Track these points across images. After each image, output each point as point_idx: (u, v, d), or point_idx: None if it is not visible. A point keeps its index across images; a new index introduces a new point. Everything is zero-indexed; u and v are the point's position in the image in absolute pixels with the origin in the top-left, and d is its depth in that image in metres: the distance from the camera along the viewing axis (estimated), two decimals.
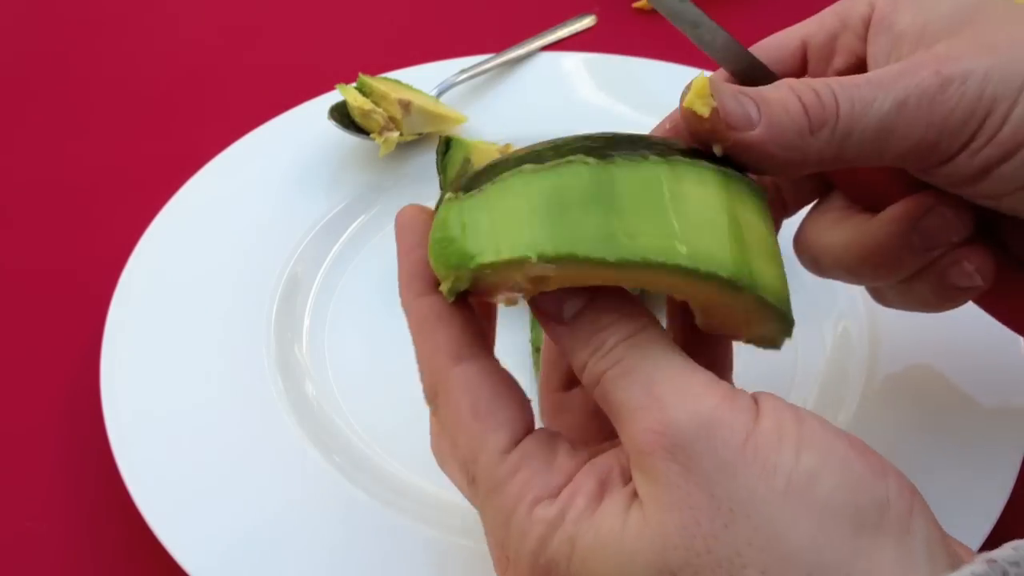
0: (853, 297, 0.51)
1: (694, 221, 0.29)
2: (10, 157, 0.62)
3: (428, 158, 0.57)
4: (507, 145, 0.52)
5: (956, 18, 0.35)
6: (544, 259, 0.29)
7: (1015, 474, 0.42)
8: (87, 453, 0.46)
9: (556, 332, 0.31)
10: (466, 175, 0.32)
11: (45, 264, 0.55)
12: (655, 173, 0.29)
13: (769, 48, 0.39)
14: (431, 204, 0.58)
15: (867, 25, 0.37)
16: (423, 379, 0.33)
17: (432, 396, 0.32)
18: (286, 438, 0.45)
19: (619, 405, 0.29)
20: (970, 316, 0.49)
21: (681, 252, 0.28)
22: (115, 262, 0.51)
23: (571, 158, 0.29)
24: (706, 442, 0.27)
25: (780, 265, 0.32)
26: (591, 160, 0.29)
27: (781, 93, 0.34)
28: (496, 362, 0.32)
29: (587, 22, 0.70)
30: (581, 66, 0.63)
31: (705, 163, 0.31)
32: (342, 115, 0.58)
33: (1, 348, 0.51)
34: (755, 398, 0.28)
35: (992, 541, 0.40)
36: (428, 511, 0.43)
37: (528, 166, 0.30)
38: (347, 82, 0.58)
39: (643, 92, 0.61)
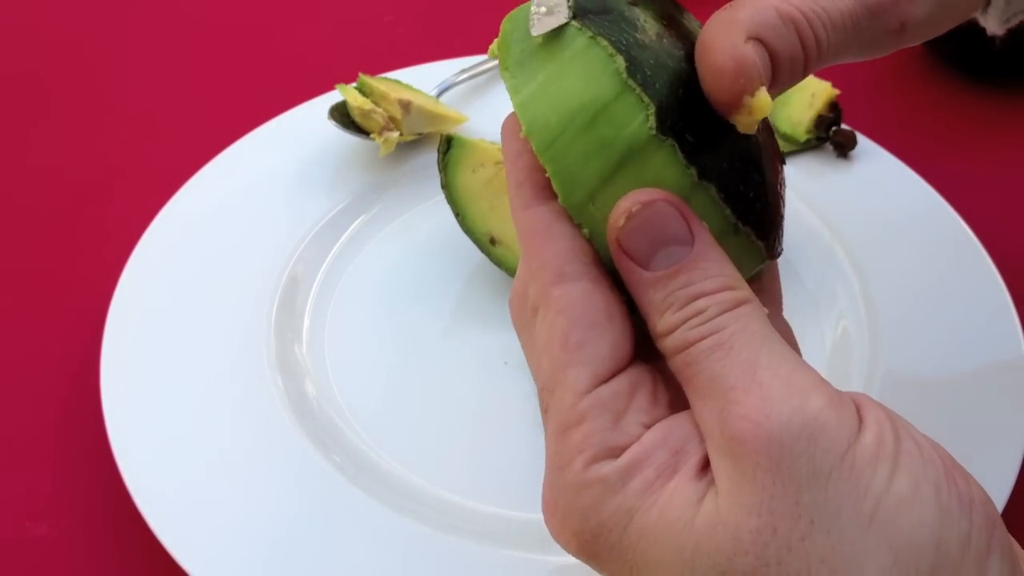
0: (853, 297, 0.51)
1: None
2: (10, 157, 0.62)
3: (428, 158, 0.57)
4: None
5: None
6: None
7: (1015, 474, 0.42)
8: (87, 453, 0.46)
9: (639, 282, 0.29)
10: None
11: (45, 264, 0.55)
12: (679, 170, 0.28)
13: None
14: (431, 204, 0.58)
15: None
16: (529, 293, 0.30)
17: (532, 313, 0.30)
18: (286, 438, 0.45)
19: (711, 379, 0.27)
20: (970, 316, 0.49)
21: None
22: (115, 262, 0.51)
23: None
24: (807, 444, 0.25)
25: None
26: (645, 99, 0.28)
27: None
28: (604, 282, 0.29)
29: None
30: None
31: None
32: (342, 115, 0.58)
33: (1, 348, 0.51)
34: (857, 405, 0.27)
35: None
36: (428, 511, 0.43)
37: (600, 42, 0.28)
38: (347, 82, 0.58)
39: None
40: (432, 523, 0.42)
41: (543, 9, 0.30)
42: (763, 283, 0.32)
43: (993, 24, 0.37)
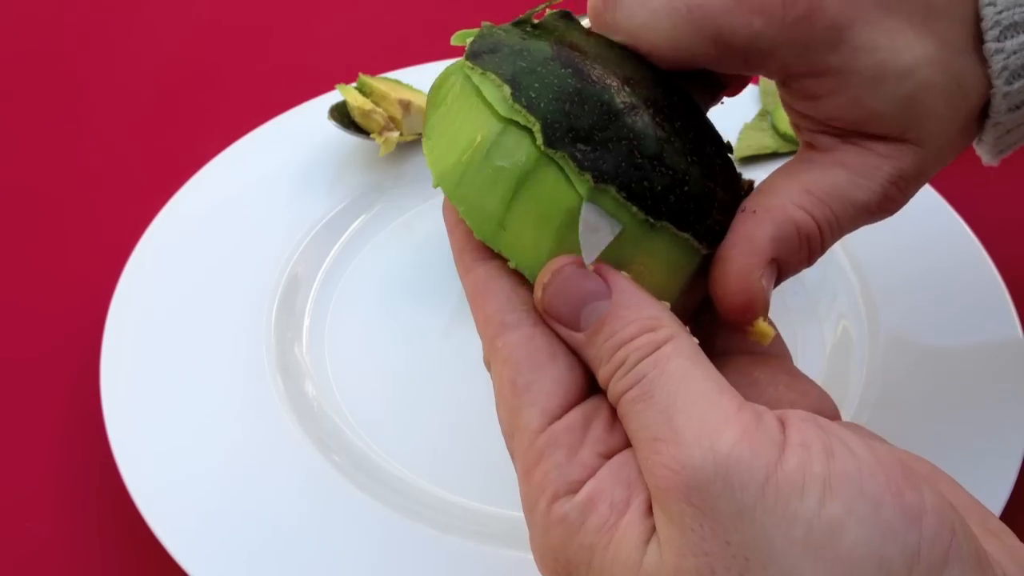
0: (853, 297, 0.51)
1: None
2: (10, 157, 0.62)
3: None
4: None
5: None
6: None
7: (1015, 474, 0.42)
8: (87, 453, 0.46)
9: (575, 343, 0.30)
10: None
11: (45, 264, 0.55)
12: (570, 200, 0.29)
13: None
14: (431, 204, 0.58)
15: None
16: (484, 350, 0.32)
17: (488, 367, 0.31)
18: (286, 438, 0.45)
19: (638, 430, 0.27)
20: (970, 316, 0.49)
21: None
22: (115, 262, 0.51)
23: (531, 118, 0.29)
24: (723, 484, 0.25)
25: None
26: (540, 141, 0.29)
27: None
28: (544, 325, 0.30)
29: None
30: None
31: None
32: (342, 115, 0.58)
33: (1, 348, 0.51)
34: (783, 424, 0.26)
35: None
36: (428, 511, 0.43)
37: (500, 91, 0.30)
38: (347, 82, 0.58)
39: None
40: (432, 523, 0.42)
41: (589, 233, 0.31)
42: None
43: (987, 155, 0.38)
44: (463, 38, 0.33)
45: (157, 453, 0.44)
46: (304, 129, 0.58)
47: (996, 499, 0.41)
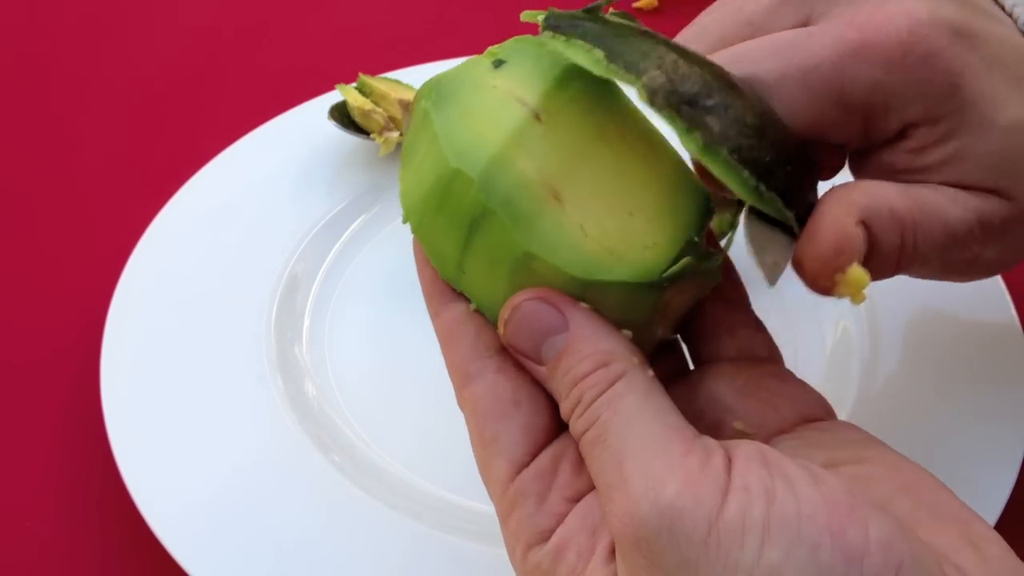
0: None
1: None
2: (10, 157, 0.62)
3: None
4: None
5: None
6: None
7: (1015, 474, 0.42)
8: (87, 453, 0.46)
9: (539, 376, 0.30)
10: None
11: (45, 265, 0.55)
12: (516, 246, 0.30)
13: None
14: None
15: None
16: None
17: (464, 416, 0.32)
18: (286, 438, 0.45)
19: (596, 475, 0.28)
20: (971, 316, 0.49)
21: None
22: (115, 262, 0.51)
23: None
24: (668, 536, 0.25)
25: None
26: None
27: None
28: (509, 367, 0.31)
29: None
30: None
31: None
32: (342, 115, 0.58)
33: (1, 348, 0.51)
34: (731, 461, 0.26)
35: None
36: (429, 511, 0.43)
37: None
38: (347, 82, 0.58)
39: None
40: (432, 523, 0.42)
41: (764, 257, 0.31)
42: (723, 288, 0.33)
43: None
44: (532, 16, 0.33)
45: (157, 453, 0.44)
46: (304, 129, 0.58)
47: (996, 499, 0.41)
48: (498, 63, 0.33)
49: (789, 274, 0.33)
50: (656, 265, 0.30)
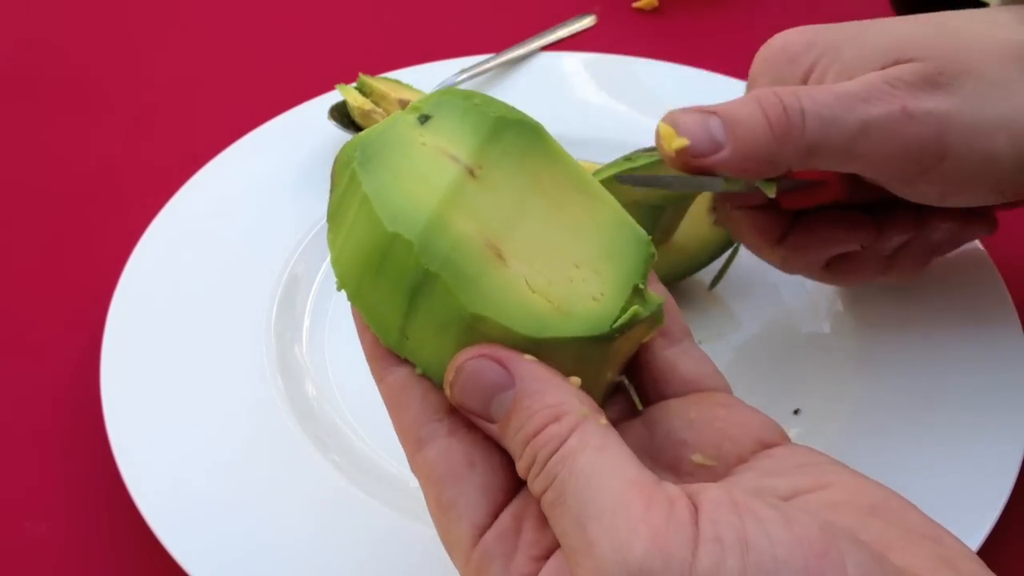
0: (853, 297, 0.51)
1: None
2: (10, 157, 0.62)
3: None
4: None
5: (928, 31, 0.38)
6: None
7: (1015, 474, 0.42)
8: (87, 453, 0.46)
9: (493, 433, 0.29)
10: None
11: (45, 265, 0.55)
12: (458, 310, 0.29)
13: None
14: None
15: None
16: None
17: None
18: (286, 438, 0.45)
19: (560, 536, 0.27)
20: (971, 316, 0.49)
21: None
22: (115, 262, 0.51)
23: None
24: None
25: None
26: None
27: (748, 109, 0.36)
28: (460, 429, 0.30)
29: (587, 22, 0.70)
30: (581, 66, 0.63)
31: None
32: (342, 115, 0.58)
33: (1, 348, 0.51)
34: (697, 509, 0.26)
35: (992, 541, 0.40)
36: (428, 512, 0.43)
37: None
38: (347, 82, 0.58)
39: (643, 92, 0.61)
40: (432, 523, 0.42)
41: None
42: (665, 326, 0.33)
43: None
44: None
45: (157, 453, 0.44)
46: (304, 129, 0.58)
47: (996, 499, 0.41)
48: (424, 118, 0.32)
49: (789, 279, 0.34)
50: (606, 317, 0.30)
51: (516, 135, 0.32)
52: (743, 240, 0.44)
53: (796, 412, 0.46)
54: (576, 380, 0.29)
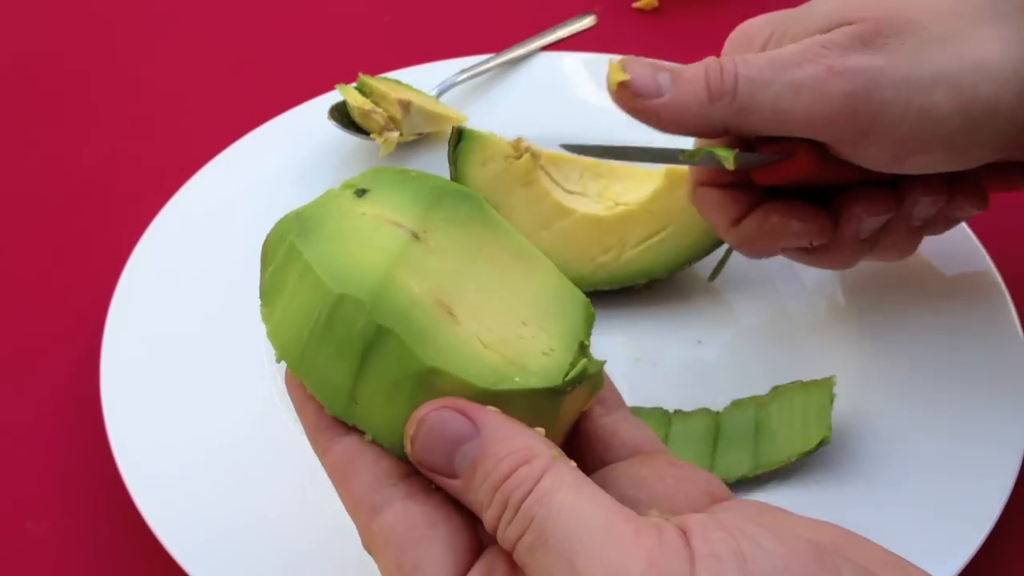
0: (853, 298, 0.51)
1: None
2: (10, 157, 0.62)
3: (428, 158, 0.57)
4: (519, 140, 0.52)
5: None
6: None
7: (1015, 474, 0.42)
8: (87, 453, 0.46)
9: (455, 491, 0.28)
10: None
11: (45, 265, 0.55)
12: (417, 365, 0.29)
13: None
14: None
15: None
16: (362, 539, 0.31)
17: (368, 551, 0.30)
18: (286, 438, 0.45)
19: None
20: (970, 316, 0.49)
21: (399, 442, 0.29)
22: (115, 262, 0.51)
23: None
24: None
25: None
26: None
27: (693, 70, 0.39)
28: (418, 491, 0.29)
29: (587, 22, 0.70)
30: (581, 66, 0.63)
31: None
32: (342, 115, 0.58)
33: (1, 348, 0.51)
34: (686, 533, 0.25)
35: (992, 541, 0.40)
36: None
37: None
38: (347, 82, 0.58)
39: None
40: None
41: None
42: (602, 394, 0.33)
43: None
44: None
45: (156, 452, 0.44)
46: (304, 129, 0.58)
47: (996, 499, 0.41)
48: (361, 192, 0.33)
49: (789, 280, 0.34)
50: (558, 370, 0.30)
51: (457, 203, 0.33)
52: (705, 218, 0.44)
53: None
54: (540, 429, 0.29)
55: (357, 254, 0.30)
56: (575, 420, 0.33)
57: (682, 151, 0.41)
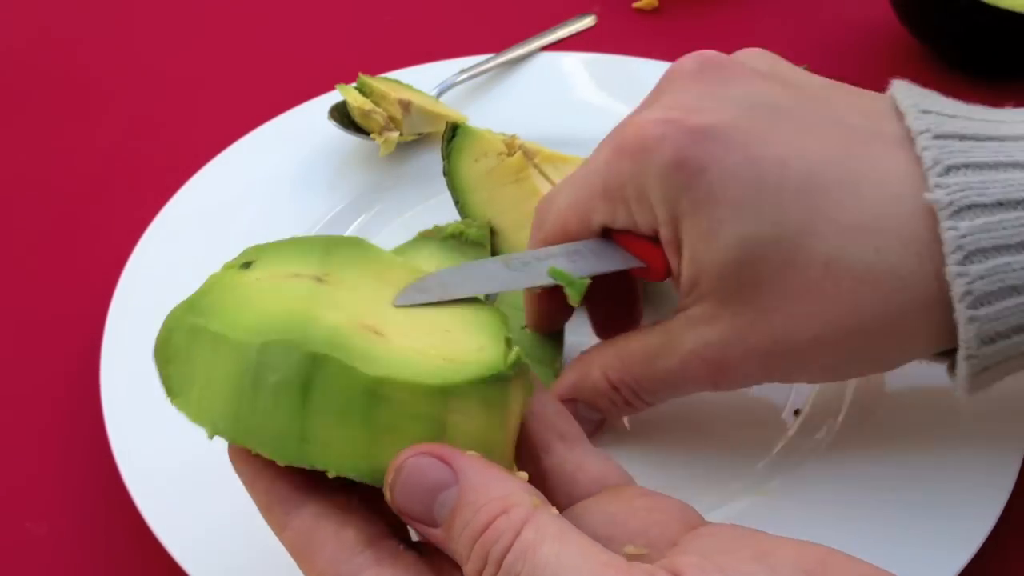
0: None
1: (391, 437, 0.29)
2: (10, 157, 0.62)
3: (428, 158, 0.57)
4: (513, 137, 0.52)
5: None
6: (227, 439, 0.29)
7: (1015, 474, 0.42)
8: (87, 453, 0.46)
9: (436, 540, 0.28)
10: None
11: (45, 264, 0.55)
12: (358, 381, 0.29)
13: (574, 231, 0.40)
14: (432, 204, 0.57)
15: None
16: None
17: None
18: None
19: None
20: None
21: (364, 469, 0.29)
22: (115, 262, 0.51)
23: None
24: None
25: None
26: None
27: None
28: (385, 552, 0.28)
29: (587, 22, 0.71)
30: (581, 66, 0.63)
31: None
32: (342, 115, 0.58)
33: (1, 348, 0.51)
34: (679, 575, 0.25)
35: (992, 541, 0.40)
36: None
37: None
38: (347, 82, 0.58)
39: (643, 92, 0.61)
40: None
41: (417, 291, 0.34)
42: (563, 429, 0.34)
43: (962, 388, 0.37)
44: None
45: (156, 452, 0.44)
46: (304, 129, 0.58)
47: (996, 499, 0.41)
48: (246, 264, 0.33)
49: None
50: (497, 359, 0.31)
51: (347, 247, 0.34)
52: (526, 302, 0.45)
53: (796, 412, 0.46)
54: (523, 475, 0.29)
55: (266, 310, 0.30)
56: (519, 424, 0.33)
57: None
